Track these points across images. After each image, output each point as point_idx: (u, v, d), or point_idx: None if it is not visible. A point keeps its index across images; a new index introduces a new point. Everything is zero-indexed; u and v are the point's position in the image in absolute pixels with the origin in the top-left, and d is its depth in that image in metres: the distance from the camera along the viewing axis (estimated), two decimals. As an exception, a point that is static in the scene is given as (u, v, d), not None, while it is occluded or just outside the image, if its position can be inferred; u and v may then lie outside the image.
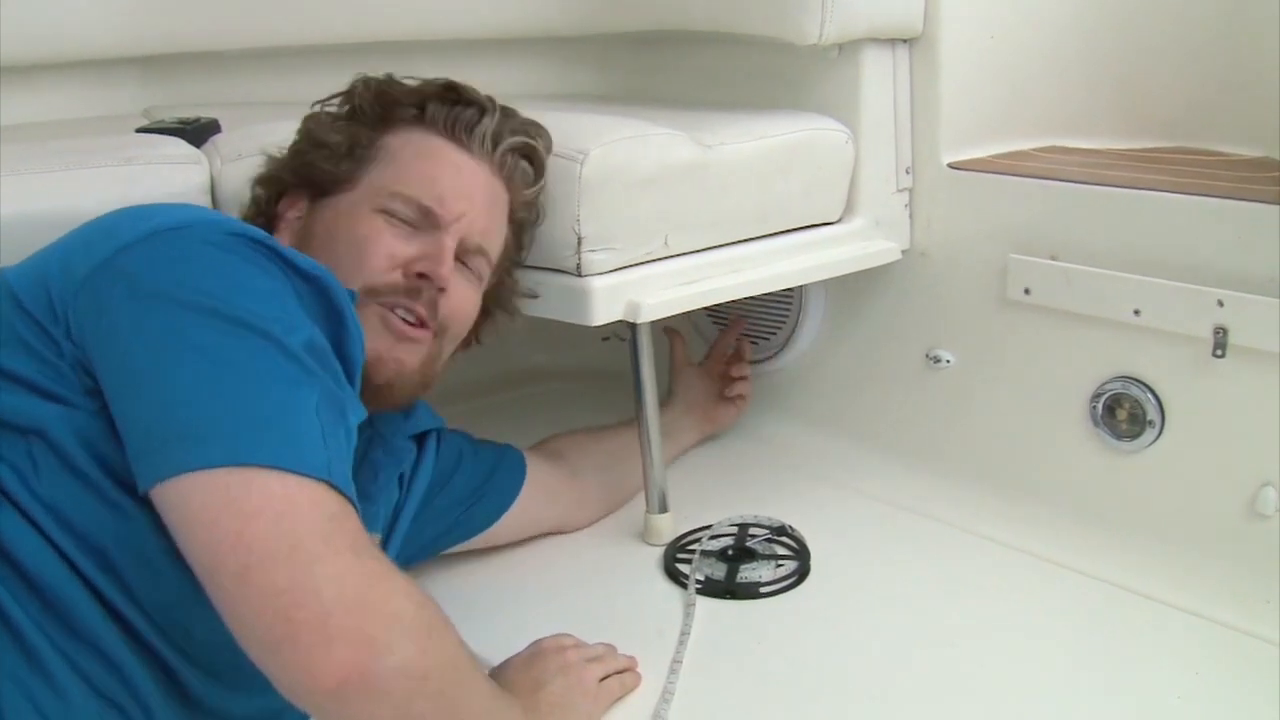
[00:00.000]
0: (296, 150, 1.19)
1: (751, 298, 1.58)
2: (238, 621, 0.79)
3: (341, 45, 1.89)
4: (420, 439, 1.32)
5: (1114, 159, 1.60)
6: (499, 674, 1.13)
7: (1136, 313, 1.38)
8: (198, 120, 1.44)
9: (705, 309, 1.81)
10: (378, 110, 1.17)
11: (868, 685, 1.19)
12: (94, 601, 0.89)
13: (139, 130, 1.43)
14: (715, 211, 1.43)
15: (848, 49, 1.55)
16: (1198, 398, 1.35)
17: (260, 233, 0.97)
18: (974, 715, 1.15)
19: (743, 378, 1.78)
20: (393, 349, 1.10)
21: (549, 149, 1.25)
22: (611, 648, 1.22)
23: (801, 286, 1.75)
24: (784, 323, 1.83)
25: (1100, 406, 1.44)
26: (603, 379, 1.97)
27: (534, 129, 1.23)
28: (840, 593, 1.38)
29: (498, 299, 1.29)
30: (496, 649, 1.23)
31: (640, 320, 1.34)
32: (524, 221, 1.27)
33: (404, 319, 1.11)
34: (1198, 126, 1.68)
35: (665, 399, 1.73)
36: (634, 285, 1.34)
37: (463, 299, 1.17)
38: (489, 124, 1.17)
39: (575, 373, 2.03)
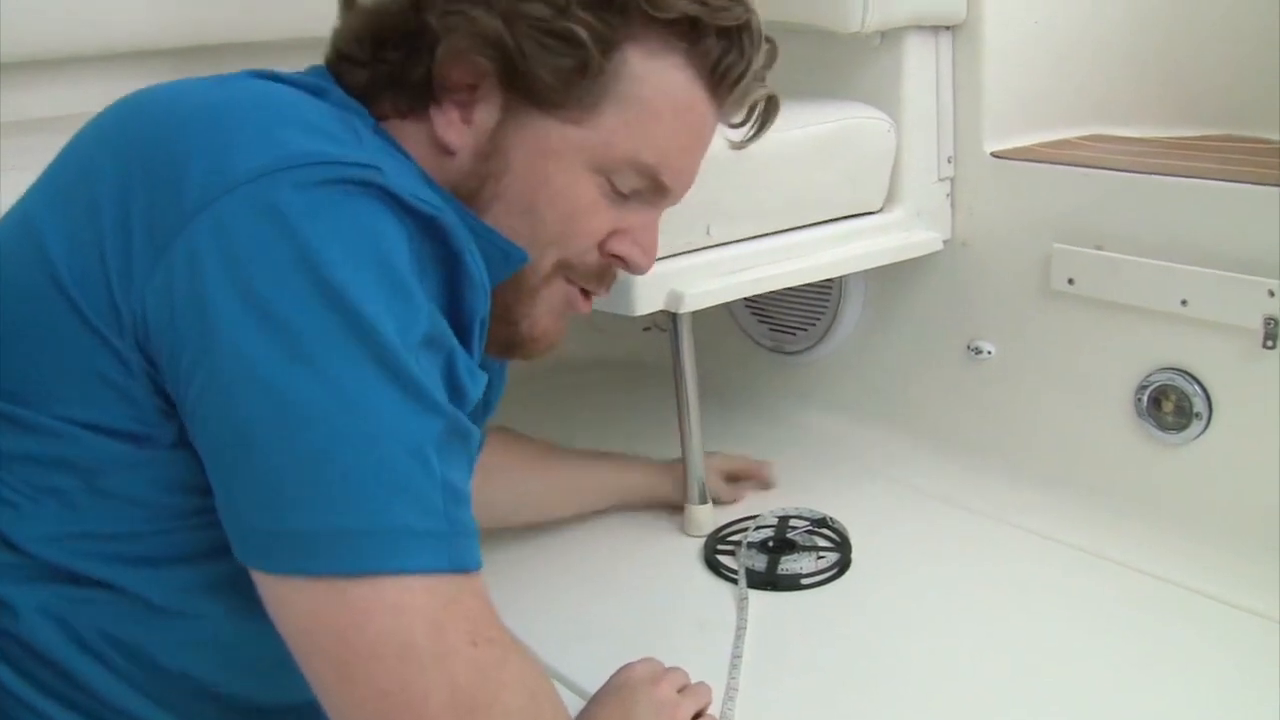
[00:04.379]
0: (513, 15, 0.83)
1: (790, 286, 1.57)
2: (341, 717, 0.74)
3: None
4: None
5: (1160, 147, 1.58)
6: (589, 710, 1.03)
7: (1184, 303, 1.36)
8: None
9: (743, 298, 1.80)
10: (645, 15, 0.86)
11: (912, 678, 1.19)
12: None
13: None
14: (757, 201, 1.42)
15: (890, 37, 1.54)
16: (1247, 389, 1.34)
17: (363, 167, 0.72)
18: (1019, 708, 1.14)
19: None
20: (560, 325, 0.97)
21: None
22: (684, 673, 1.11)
23: (841, 276, 1.74)
24: (823, 312, 1.82)
25: (1146, 398, 1.43)
26: (643, 369, 1.97)
27: (768, 60, 0.99)
28: (882, 585, 1.37)
29: None
30: (538, 640, 1.23)
31: (682, 310, 1.34)
32: None
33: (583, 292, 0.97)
34: (1246, 113, 1.65)
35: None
36: (676, 275, 1.34)
37: None
38: (750, 77, 0.95)
39: (616, 362, 2.02)
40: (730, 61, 0.91)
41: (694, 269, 1.36)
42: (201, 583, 0.78)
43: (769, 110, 1.01)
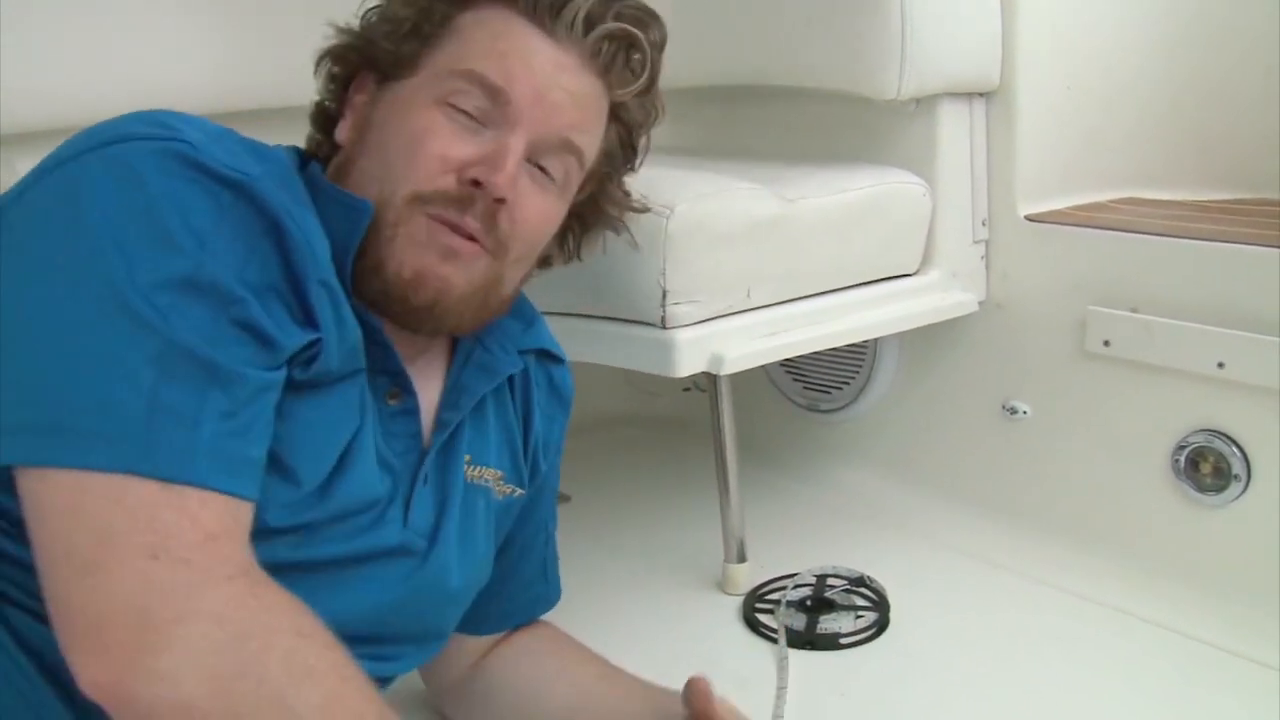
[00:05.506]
0: (364, 24, 0.99)
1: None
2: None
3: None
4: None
5: (1194, 210, 1.60)
6: None
7: (1220, 365, 1.37)
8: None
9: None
10: None
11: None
12: None
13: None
14: (796, 264, 1.45)
15: (925, 103, 1.57)
16: (1285, 452, 1.35)
17: (192, 146, 0.81)
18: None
19: None
20: (437, 266, 0.91)
21: (663, 40, 1.01)
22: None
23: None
24: (858, 371, 1.84)
25: (1183, 460, 1.43)
26: (681, 427, 1.99)
27: (643, 15, 0.99)
28: (921, 645, 1.38)
29: (599, 210, 1.08)
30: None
31: (723, 372, 1.36)
32: (633, 123, 1.04)
33: (453, 230, 0.93)
34: (1278, 178, 1.67)
35: None
36: (717, 337, 1.36)
37: (533, 211, 0.95)
38: (581, 4, 0.94)
39: (654, 420, 2.05)
40: None
41: (735, 331, 1.38)
42: None
43: (641, 58, 0.99)
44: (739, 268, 1.38)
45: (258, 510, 0.80)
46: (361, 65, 0.98)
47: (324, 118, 1.01)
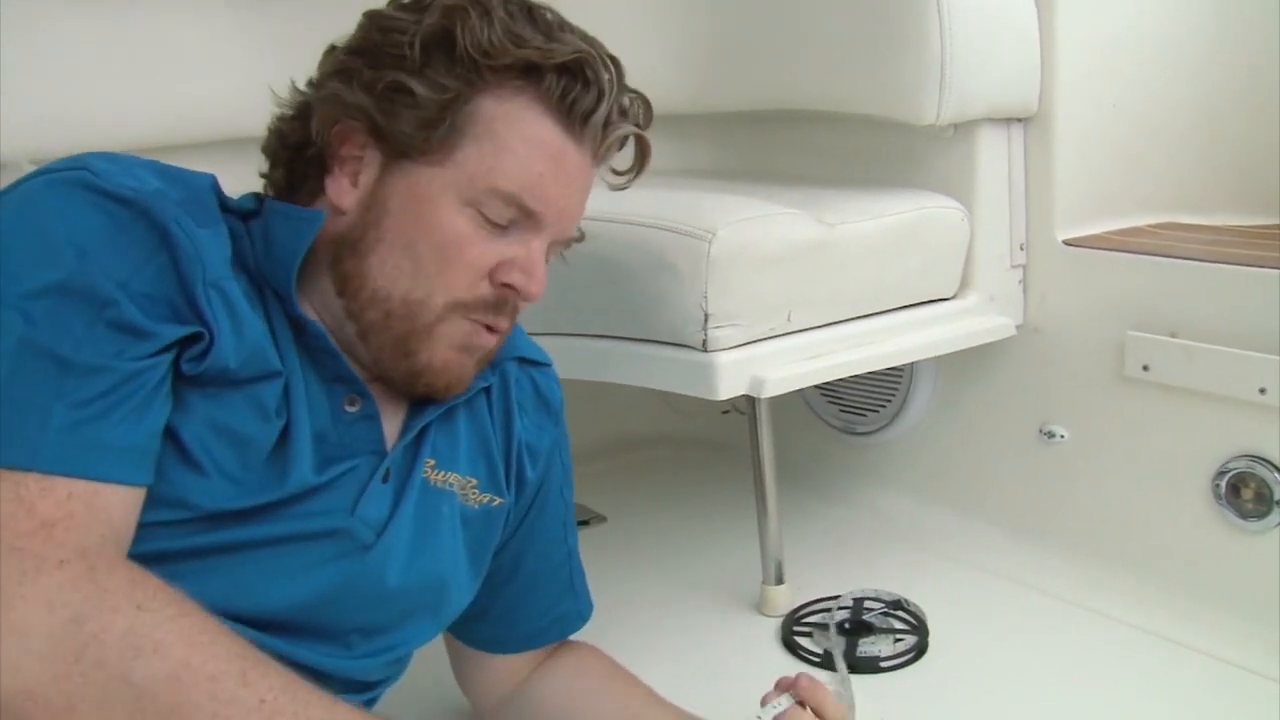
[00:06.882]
0: (373, 83, 0.94)
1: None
2: None
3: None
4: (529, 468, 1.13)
5: (1233, 236, 1.60)
6: None
7: (1262, 391, 1.37)
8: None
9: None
10: (484, 66, 0.93)
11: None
12: None
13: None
14: (836, 288, 1.46)
15: (963, 128, 1.58)
16: (1328, 478, 1.34)
17: (92, 173, 0.86)
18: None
19: None
20: (462, 356, 0.99)
21: (650, 121, 1.04)
22: None
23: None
24: (894, 394, 1.84)
25: (1224, 485, 1.43)
26: (717, 449, 2.00)
27: (641, 108, 1.02)
28: (961, 669, 1.38)
29: None
30: None
31: (763, 395, 1.37)
32: None
33: (485, 327, 0.99)
34: (1318, 203, 1.67)
35: None
36: (758, 361, 1.37)
37: (543, 290, 1.00)
38: (604, 111, 0.97)
39: (690, 442, 2.05)
40: (576, 95, 0.95)
41: (775, 354, 1.39)
42: None
43: (640, 150, 1.04)
44: (780, 291, 1.39)
45: (183, 497, 0.84)
46: (368, 130, 0.94)
47: (299, 157, 0.98)
